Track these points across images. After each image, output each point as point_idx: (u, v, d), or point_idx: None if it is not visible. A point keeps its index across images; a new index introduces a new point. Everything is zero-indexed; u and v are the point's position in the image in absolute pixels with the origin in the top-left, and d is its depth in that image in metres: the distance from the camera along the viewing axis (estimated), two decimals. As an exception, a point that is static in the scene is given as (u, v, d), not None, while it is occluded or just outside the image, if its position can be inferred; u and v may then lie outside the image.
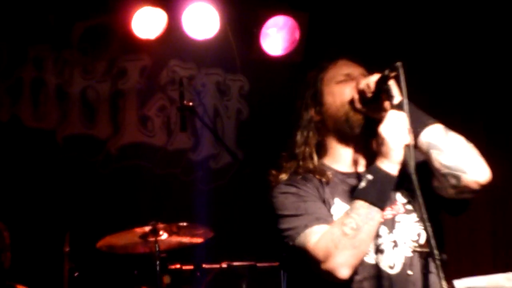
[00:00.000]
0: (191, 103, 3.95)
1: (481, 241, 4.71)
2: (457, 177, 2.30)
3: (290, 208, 2.40)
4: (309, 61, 4.66)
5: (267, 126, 4.86)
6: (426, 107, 2.41)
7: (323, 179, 2.46)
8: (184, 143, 5.02)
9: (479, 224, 4.63)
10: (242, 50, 4.88)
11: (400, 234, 2.39)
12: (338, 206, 2.42)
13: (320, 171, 2.48)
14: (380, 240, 2.37)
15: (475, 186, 2.30)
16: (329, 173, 2.47)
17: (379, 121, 2.37)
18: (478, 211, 4.45)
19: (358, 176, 2.46)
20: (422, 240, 2.35)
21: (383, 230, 2.38)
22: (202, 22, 4.68)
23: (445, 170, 2.32)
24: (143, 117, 4.97)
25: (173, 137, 5.00)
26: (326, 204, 2.42)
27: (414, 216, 2.40)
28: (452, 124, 2.37)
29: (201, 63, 5.03)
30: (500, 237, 4.65)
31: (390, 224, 2.40)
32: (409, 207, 2.42)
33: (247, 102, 5.14)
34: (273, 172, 2.51)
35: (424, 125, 2.37)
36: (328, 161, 2.54)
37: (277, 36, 4.78)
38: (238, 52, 4.87)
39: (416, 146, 2.32)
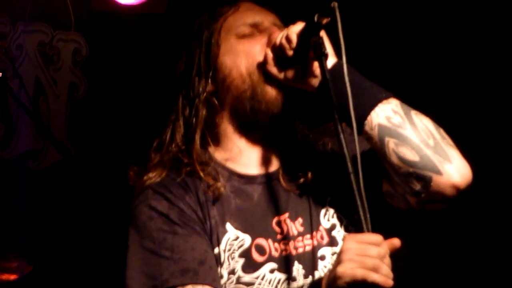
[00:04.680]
0: (0, 74, 3.90)
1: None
2: (425, 179, 2.17)
3: (152, 238, 2.24)
4: (176, 12, 4.45)
5: (114, 108, 4.71)
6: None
7: (212, 191, 2.30)
8: (-9, 133, 4.94)
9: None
10: None
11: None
12: (231, 235, 2.29)
13: (208, 176, 2.32)
14: (294, 285, 2.29)
15: (451, 192, 2.16)
16: (220, 181, 2.32)
17: (303, 92, 2.28)
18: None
19: (268, 181, 2.36)
20: None
21: (298, 270, 2.31)
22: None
23: (406, 169, 2.18)
24: None
25: (-26, 124, 4.93)
26: (213, 232, 2.28)
27: None
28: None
29: (17, 15, 4.74)
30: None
31: (309, 261, 2.32)
32: (339, 233, 2.34)
33: (85, 73, 4.88)
34: (135, 168, 2.38)
35: (374, 100, 2.22)
36: (219, 154, 2.39)
37: None
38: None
39: (360, 132, 2.18)
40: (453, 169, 2.16)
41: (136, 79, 4.51)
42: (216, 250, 2.27)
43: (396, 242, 2.03)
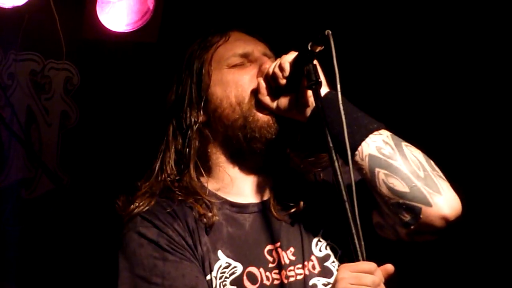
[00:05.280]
0: None
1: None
2: (415, 211, 2.17)
3: (143, 265, 2.24)
4: (168, 41, 4.41)
5: (106, 136, 4.59)
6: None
7: (204, 220, 2.29)
8: (-16, 161, 4.63)
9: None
10: (70, 24, 4.48)
11: None
12: (222, 262, 2.28)
13: (200, 205, 2.31)
14: None
15: (440, 223, 2.17)
16: (212, 210, 2.31)
17: (294, 121, 2.27)
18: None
19: (259, 210, 2.36)
20: None
21: None
22: (8, -20, 4.24)
23: (396, 200, 2.18)
24: None
25: (-33, 153, 4.61)
26: (205, 259, 2.27)
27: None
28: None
29: (8, 44, 4.59)
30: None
31: None
32: (333, 264, 2.32)
33: (76, 102, 4.73)
34: (123, 198, 2.37)
35: (365, 131, 2.23)
36: (211, 184, 2.38)
37: (120, 5, 4.42)
38: (63, 28, 4.46)
39: (352, 162, 2.16)
40: (443, 201, 2.17)
41: (128, 107, 4.46)
42: (208, 277, 2.26)
43: (389, 268, 2.03)
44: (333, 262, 2.35)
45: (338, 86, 2.13)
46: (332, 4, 4.49)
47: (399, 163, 2.20)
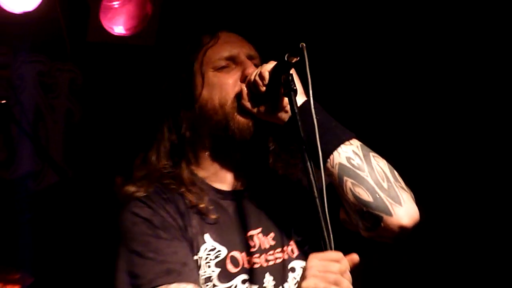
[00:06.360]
0: (3, 101, 3.97)
1: None
2: (376, 219, 2.23)
3: (137, 241, 2.29)
4: (165, 44, 4.52)
5: (107, 132, 4.71)
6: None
7: (199, 205, 2.34)
8: (-5, 155, 4.85)
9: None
10: (75, 29, 4.63)
11: None
12: (208, 245, 2.34)
13: (194, 192, 2.36)
14: None
15: (398, 231, 2.23)
16: (203, 198, 2.36)
17: (272, 125, 2.34)
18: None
19: (237, 198, 2.41)
20: None
21: (269, 281, 2.35)
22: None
23: (361, 207, 2.25)
24: None
25: (-22, 148, 4.84)
26: (194, 241, 2.32)
27: None
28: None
29: (18, 47, 4.72)
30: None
31: (279, 273, 2.35)
32: (310, 250, 2.28)
33: (80, 101, 4.87)
34: (119, 180, 2.41)
35: (337, 141, 2.29)
36: (200, 172, 2.44)
37: (121, 11, 4.56)
38: (68, 32, 4.62)
39: (323, 168, 2.19)
40: (403, 212, 2.23)
41: (127, 106, 4.54)
42: (195, 257, 2.33)
43: (355, 257, 2.11)
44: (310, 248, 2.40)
45: (311, 94, 2.19)
46: (312, 15, 4.55)
47: (366, 174, 2.25)
